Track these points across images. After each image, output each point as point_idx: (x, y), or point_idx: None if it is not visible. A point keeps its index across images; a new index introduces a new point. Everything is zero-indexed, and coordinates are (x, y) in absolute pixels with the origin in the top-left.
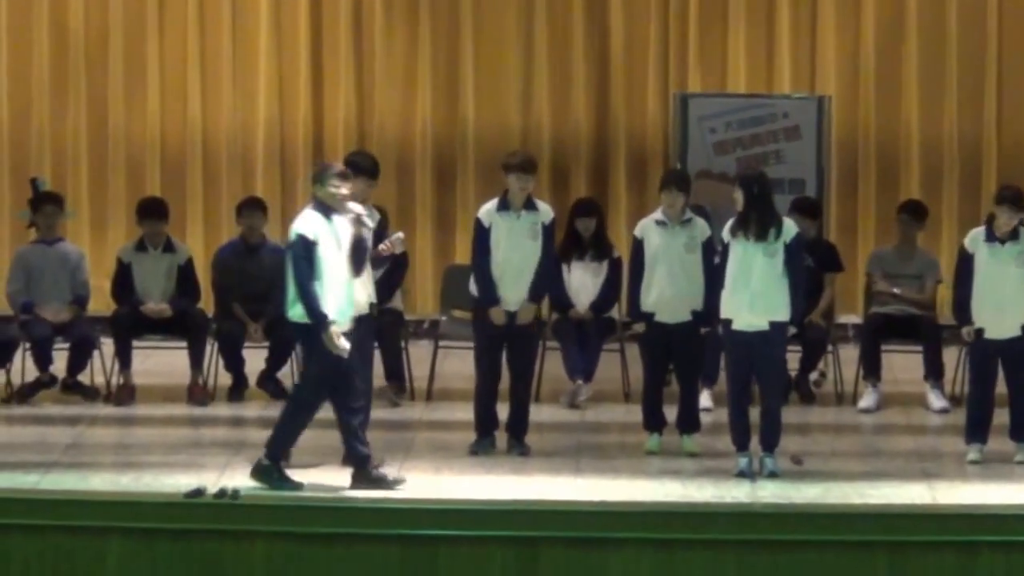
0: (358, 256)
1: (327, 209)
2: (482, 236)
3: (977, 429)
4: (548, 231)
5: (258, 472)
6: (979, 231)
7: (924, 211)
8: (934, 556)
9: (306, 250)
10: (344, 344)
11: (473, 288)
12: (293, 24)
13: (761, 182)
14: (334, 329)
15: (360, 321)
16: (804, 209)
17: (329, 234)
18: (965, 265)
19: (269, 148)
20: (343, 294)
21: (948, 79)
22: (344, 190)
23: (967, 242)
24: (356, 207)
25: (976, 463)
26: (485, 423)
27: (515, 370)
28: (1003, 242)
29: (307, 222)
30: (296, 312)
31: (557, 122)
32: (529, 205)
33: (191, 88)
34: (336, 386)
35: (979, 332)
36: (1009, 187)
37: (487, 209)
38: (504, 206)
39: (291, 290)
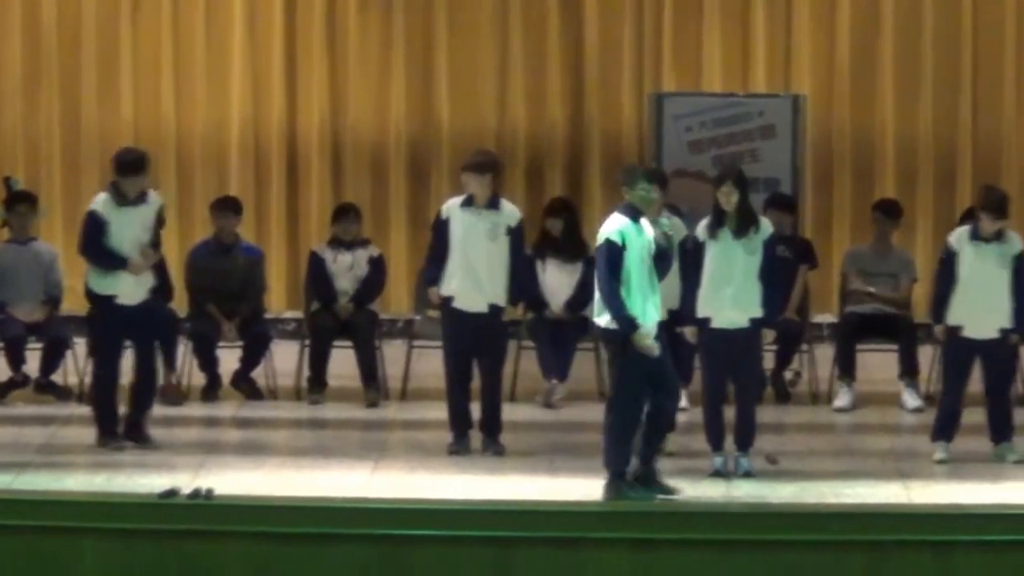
0: (664, 260)
1: (636, 212)
2: (438, 227)
3: (946, 428)
4: (516, 233)
5: (610, 489)
6: (965, 230)
7: (899, 210)
8: (910, 555)
9: (612, 254)
10: (653, 345)
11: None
12: (267, 23)
13: (744, 178)
14: (642, 332)
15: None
16: (781, 204)
17: (636, 238)
18: (948, 263)
19: (243, 147)
20: (649, 299)
21: (923, 78)
22: (655, 194)
23: (952, 240)
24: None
25: (943, 462)
26: (459, 422)
27: (485, 369)
28: (988, 242)
29: (616, 226)
30: (604, 319)
31: (532, 121)
32: (493, 204)
33: (165, 87)
34: (657, 385)
35: (956, 330)
36: (992, 191)
37: (450, 202)
38: (468, 202)
39: (598, 296)
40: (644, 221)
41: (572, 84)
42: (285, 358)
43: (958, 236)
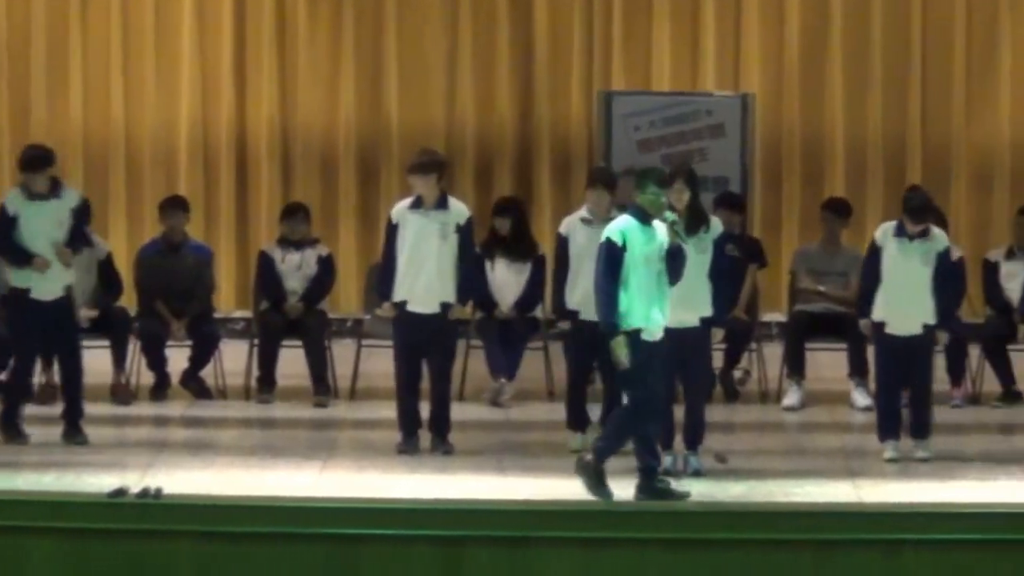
0: (676, 264)
1: (644, 215)
2: (389, 233)
3: (889, 426)
4: (464, 231)
5: (643, 491)
6: (890, 225)
7: (848, 208)
8: (859, 554)
9: (610, 253)
10: (625, 357)
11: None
12: (216, 22)
13: (695, 177)
14: (620, 340)
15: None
16: (729, 203)
17: (641, 241)
18: (873, 258)
19: (192, 146)
20: (655, 304)
21: (872, 77)
22: (664, 198)
23: (877, 235)
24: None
25: (894, 461)
26: (408, 422)
27: (434, 368)
28: (912, 238)
29: (618, 226)
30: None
31: (481, 120)
32: (441, 204)
33: (114, 86)
34: None
35: (881, 326)
36: (914, 195)
37: (399, 207)
38: (417, 204)
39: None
40: (658, 225)
41: (521, 83)
42: (234, 357)
43: (883, 231)
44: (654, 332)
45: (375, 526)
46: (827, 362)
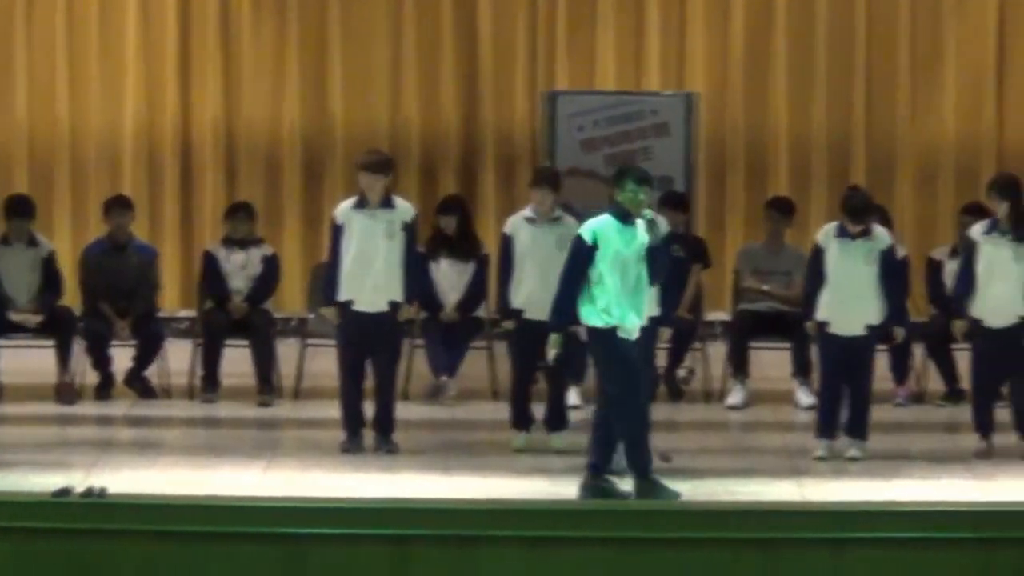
0: (655, 264)
1: (624, 214)
2: (335, 234)
3: (826, 425)
4: (409, 229)
5: (642, 491)
6: (831, 226)
7: (792, 207)
8: (804, 553)
9: (576, 250)
10: (550, 357)
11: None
12: (161, 23)
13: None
14: (556, 338)
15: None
16: (673, 203)
17: (617, 240)
18: (816, 259)
19: (137, 147)
20: (628, 301)
21: (817, 76)
22: (643, 195)
23: (819, 236)
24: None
25: (823, 459)
26: (351, 421)
27: (379, 368)
28: (854, 238)
29: (592, 224)
30: (584, 314)
31: (426, 120)
32: (387, 203)
33: (59, 87)
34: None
35: (824, 326)
36: (853, 195)
37: (343, 207)
38: (361, 204)
39: (584, 292)
40: (640, 224)
41: (466, 83)
42: (179, 357)
43: (825, 233)
44: (630, 331)
45: (322, 525)
46: (771, 361)
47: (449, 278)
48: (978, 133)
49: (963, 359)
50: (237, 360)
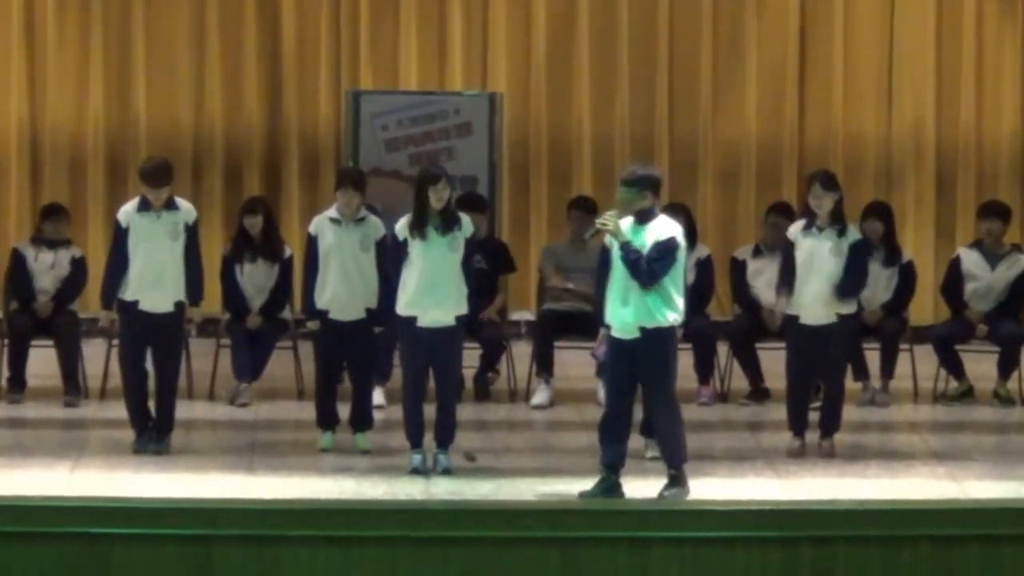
0: (627, 265)
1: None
2: (119, 236)
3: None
4: (192, 230)
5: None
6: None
7: (595, 206)
8: (606, 551)
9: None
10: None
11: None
12: None
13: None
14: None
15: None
16: (471, 204)
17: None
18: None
19: None
20: (624, 302)
21: (619, 75)
22: (628, 194)
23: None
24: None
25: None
26: (137, 420)
27: (159, 368)
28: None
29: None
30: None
31: (229, 120)
32: (170, 205)
33: None
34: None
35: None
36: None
37: (126, 209)
38: (144, 206)
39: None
40: (652, 226)
41: (269, 82)
42: None
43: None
44: (620, 330)
45: (125, 525)
46: (574, 360)
47: (254, 280)
48: (779, 133)
49: (766, 358)
50: (42, 360)
